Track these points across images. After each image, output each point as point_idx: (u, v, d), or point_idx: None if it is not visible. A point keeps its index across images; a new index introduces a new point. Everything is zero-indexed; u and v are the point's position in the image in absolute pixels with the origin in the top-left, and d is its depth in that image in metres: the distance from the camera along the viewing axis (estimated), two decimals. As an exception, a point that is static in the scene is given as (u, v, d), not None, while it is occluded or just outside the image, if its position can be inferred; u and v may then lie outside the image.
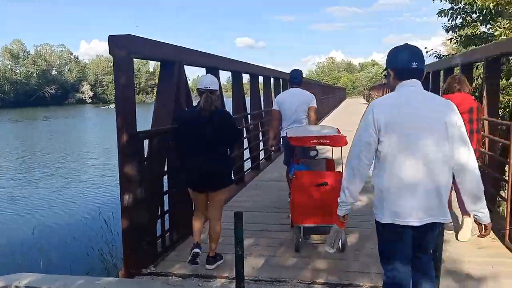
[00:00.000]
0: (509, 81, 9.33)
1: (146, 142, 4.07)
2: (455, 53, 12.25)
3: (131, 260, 3.91)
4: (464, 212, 4.44)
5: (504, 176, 5.51)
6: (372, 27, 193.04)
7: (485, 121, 5.44)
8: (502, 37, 8.18)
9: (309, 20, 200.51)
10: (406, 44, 2.43)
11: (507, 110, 8.72)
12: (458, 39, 11.59)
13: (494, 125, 5.45)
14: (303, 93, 5.66)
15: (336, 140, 4.29)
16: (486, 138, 5.41)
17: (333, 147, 4.66)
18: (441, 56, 12.26)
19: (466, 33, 11.36)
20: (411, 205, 2.28)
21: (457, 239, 4.52)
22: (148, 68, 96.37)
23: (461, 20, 11.41)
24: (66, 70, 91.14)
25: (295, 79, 5.69)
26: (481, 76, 10.85)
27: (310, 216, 4.19)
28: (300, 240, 4.28)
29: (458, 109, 3.63)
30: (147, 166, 4.09)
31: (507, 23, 8.47)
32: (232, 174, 4.23)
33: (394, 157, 2.28)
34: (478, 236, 2.55)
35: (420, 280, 2.52)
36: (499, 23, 8.49)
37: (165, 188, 4.51)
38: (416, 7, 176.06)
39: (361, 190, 2.48)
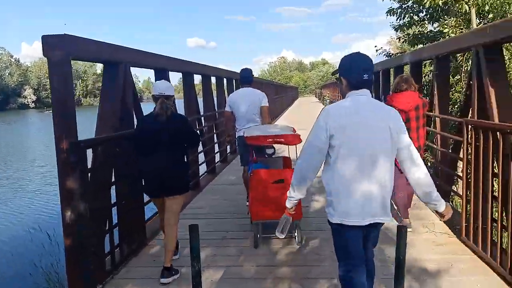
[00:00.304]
0: (456, 77, 9.64)
1: (90, 151, 3.75)
2: (403, 52, 12.57)
3: (76, 280, 3.56)
4: (404, 215, 4.77)
5: (456, 171, 5.63)
6: (320, 27, 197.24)
7: (436, 118, 5.53)
8: (451, 34, 8.43)
9: (259, 20, 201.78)
10: (359, 54, 2.55)
11: (456, 106, 9.00)
12: (406, 38, 11.86)
13: (445, 121, 5.53)
14: (254, 92, 5.65)
15: (291, 138, 4.43)
16: (438, 134, 5.49)
17: (289, 146, 4.76)
18: (391, 54, 12.53)
19: (413, 32, 11.66)
20: (357, 206, 2.44)
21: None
22: (95, 70, 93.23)
23: (408, 19, 11.66)
24: (7, 74, 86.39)
25: (245, 78, 5.71)
26: (430, 74, 11.07)
27: (268, 212, 4.27)
28: (259, 236, 4.41)
29: (406, 107, 3.99)
30: (91, 178, 3.74)
31: (454, 21, 8.72)
32: (188, 180, 4.22)
33: (342, 162, 2.42)
34: (442, 219, 2.76)
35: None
36: (447, 21, 8.72)
37: (115, 200, 4.19)
38: (360, 7, 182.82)
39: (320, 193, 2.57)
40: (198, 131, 4.69)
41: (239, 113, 5.54)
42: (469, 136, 4.14)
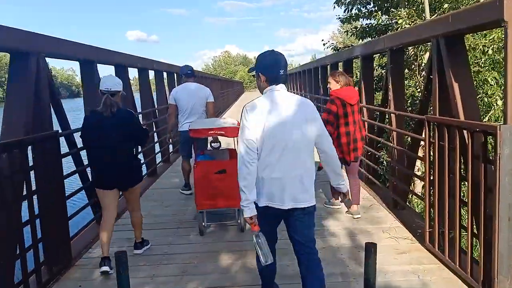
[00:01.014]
0: (408, 71, 9.54)
1: None
2: (348, 46, 12.28)
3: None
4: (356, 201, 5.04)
5: (413, 171, 5.38)
6: (263, 22, 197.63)
7: (392, 114, 5.23)
8: (406, 26, 8.12)
9: (202, 13, 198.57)
10: (273, 51, 2.79)
11: (409, 101, 8.90)
12: (354, 31, 11.53)
13: (401, 118, 5.24)
14: (200, 87, 5.85)
15: (231, 131, 4.60)
16: (394, 132, 5.19)
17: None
18: (338, 48, 12.29)
19: (361, 24, 11.45)
20: (281, 191, 2.66)
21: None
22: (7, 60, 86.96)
23: (356, 11, 11.35)
24: None
25: (189, 72, 5.88)
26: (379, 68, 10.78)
27: (211, 201, 4.56)
28: (204, 224, 4.66)
29: (351, 101, 4.54)
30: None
31: (406, 12, 8.47)
32: (140, 171, 4.30)
33: (267, 152, 2.63)
34: (341, 201, 3.19)
35: (305, 261, 2.85)
36: (400, 12, 8.43)
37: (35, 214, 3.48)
38: (301, 3, 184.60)
39: None
40: (145, 126, 4.52)
41: (184, 107, 5.66)
42: (432, 134, 3.83)
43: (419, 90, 8.75)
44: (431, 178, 3.92)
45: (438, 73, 3.90)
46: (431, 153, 3.90)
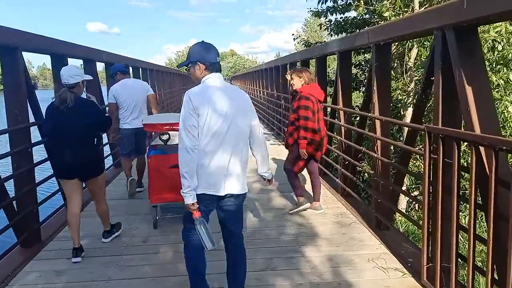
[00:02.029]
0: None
1: None
2: (318, 42, 11.51)
3: None
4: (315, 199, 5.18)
5: (401, 186, 4.69)
6: (228, 18, 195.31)
7: (376, 120, 4.51)
8: (390, 19, 7.15)
9: (166, 7, 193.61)
10: (205, 42, 2.88)
11: (394, 106, 8.23)
12: (327, 25, 10.70)
13: (386, 124, 4.52)
14: (138, 82, 5.97)
15: None
16: (378, 140, 4.47)
17: None
18: (310, 44, 11.49)
19: (336, 18, 10.60)
20: (218, 179, 2.73)
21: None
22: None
23: (331, 3, 10.44)
24: None
25: (125, 69, 6.00)
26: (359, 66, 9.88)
27: (165, 195, 4.61)
28: (157, 217, 4.73)
29: (322, 98, 4.83)
30: None
31: (388, 2, 7.44)
32: (102, 162, 4.42)
33: (206, 139, 2.68)
34: (264, 184, 3.15)
35: (232, 248, 2.99)
36: (383, 3, 7.47)
37: None
38: (266, 1, 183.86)
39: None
40: (106, 114, 4.56)
41: (125, 104, 5.61)
42: (433, 148, 3.12)
43: (405, 94, 7.89)
44: (431, 201, 3.22)
45: (442, 74, 3.18)
46: (431, 171, 3.20)
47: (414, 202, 7.86)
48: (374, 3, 8.82)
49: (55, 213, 5.23)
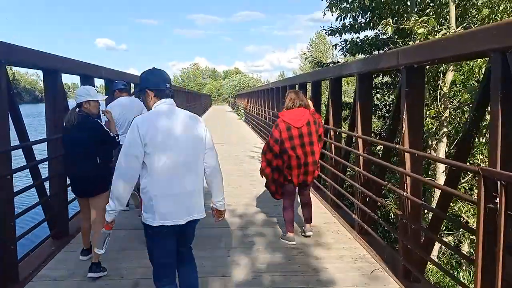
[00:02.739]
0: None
1: None
2: (322, 64, 10.77)
3: None
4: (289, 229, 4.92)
5: (439, 235, 4.05)
6: (233, 37, 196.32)
7: (406, 153, 3.90)
8: (431, 37, 5.99)
9: (172, 25, 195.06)
10: (155, 68, 2.91)
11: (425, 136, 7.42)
12: (343, 45, 9.89)
13: (418, 160, 3.91)
14: (133, 100, 5.88)
15: None
16: (407, 176, 3.85)
17: None
18: (322, 63, 10.83)
19: (352, 38, 9.79)
20: (175, 207, 2.69)
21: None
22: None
23: (350, 20, 9.49)
24: None
25: (122, 87, 6.02)
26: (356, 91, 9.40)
27: None
28: None
29: (297, 124, 4.61)
30: None
31: (418, 18, 6.38)
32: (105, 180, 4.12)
33: (158, 167, 2.63)
34: (216, 219, 3.07)
35: (185, 268, 3.03)
36: (415, 17, 6.28)
37: None
38: (272, 20, 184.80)
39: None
40: (111, 133, 4.21)
41: (119, 123, 5.55)
42: (490, 197, 2.52)
43: (437, 123, 7.14)
44: (485, 260, 2.60)
45: (502, 104, 2.59)
46: (487, 224, 2.59)
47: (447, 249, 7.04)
48: (400, 21, 8.04)
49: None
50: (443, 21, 6.98)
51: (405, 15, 8.04)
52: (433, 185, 4.04)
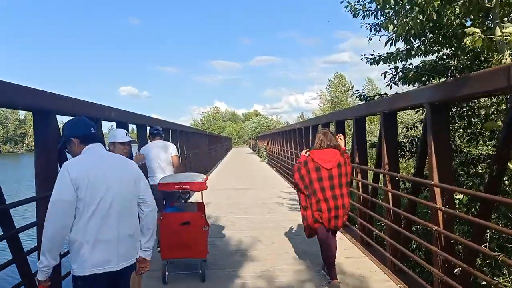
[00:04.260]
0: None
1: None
2: (380, 95, 9.25)
3: None
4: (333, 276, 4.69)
5: None
6: (251, 81, 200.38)
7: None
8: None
9: (192, 72, 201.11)
10: (76, 118, 2.86)
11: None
12: (393, 73, 8.40)
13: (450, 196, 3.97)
14: (165, 144, 6.36)
15: (196, 185, 5.06)
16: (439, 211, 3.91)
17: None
18: (366, 97, 9.36)
19: (404, 64, 8.25)
20: (108, 254, 2.55)
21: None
22: (18, 116, 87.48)
23: (404, 46, 8.07)
24: None
25: (155, 132, 6.42)
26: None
27: (175, 252, 4.85)
28: (167, 273, 4.86)
29: (329, 165, 4.47)
30: None
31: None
32: None
33: (89, 213, 2.51)
34: (139, 272, 2.89)
35: None
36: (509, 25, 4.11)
37: None
38: (287, 64, 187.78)
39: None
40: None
41: (151, 164, 6.07)
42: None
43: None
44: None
45: None
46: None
47: None
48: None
49: None
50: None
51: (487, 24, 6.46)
52: (465, 218, 4.07)
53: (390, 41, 7.40)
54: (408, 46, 7.90)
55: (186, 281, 4.94)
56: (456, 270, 3.67)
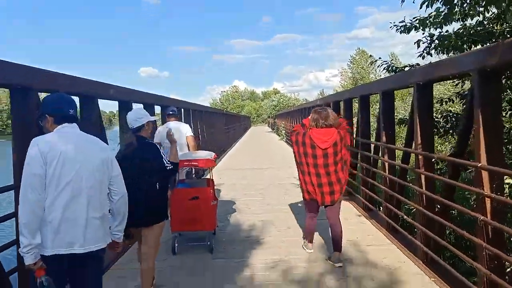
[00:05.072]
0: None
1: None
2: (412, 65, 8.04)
3: None
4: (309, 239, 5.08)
5: None
6: (270, 59, 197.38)
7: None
8: None
9: (211, 51, 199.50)
10: (60, 93, 2.87)
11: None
12: (430, 42, 7.42)
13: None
14: (179, 124, 6.47)
15: (204, 162, 5.31)
16: (488, 198, 3.30)
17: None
18: (394, 68, 8.45)
19: (440, 32, 7.20)
20: (74, 235, 2.45)
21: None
22: None
23: (442, 6, 6.78)
24: None
25: (170, 112, 6.44)
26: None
27: (184, 225, 5.06)
28: (176, 244, 5.10)
29: (324, 145, 4.51)
30: None
31: None
32: (162, 208, 3.88)
33: (57, 191, 2.43)
34: (111, 249, 2.78)
35: None
36: None
37: None
38: (306, 42, 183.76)
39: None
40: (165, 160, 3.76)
41: (167, 144, 5.45)
42: None
43: None
44: None
45: None
46: None
47: None
48: None
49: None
50: None
51: None
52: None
53: (427, 1, 6.39)
54: (448, 6, 6.74)
55: (195, 252, 5.14)
56: (509, 268, 3.09)
